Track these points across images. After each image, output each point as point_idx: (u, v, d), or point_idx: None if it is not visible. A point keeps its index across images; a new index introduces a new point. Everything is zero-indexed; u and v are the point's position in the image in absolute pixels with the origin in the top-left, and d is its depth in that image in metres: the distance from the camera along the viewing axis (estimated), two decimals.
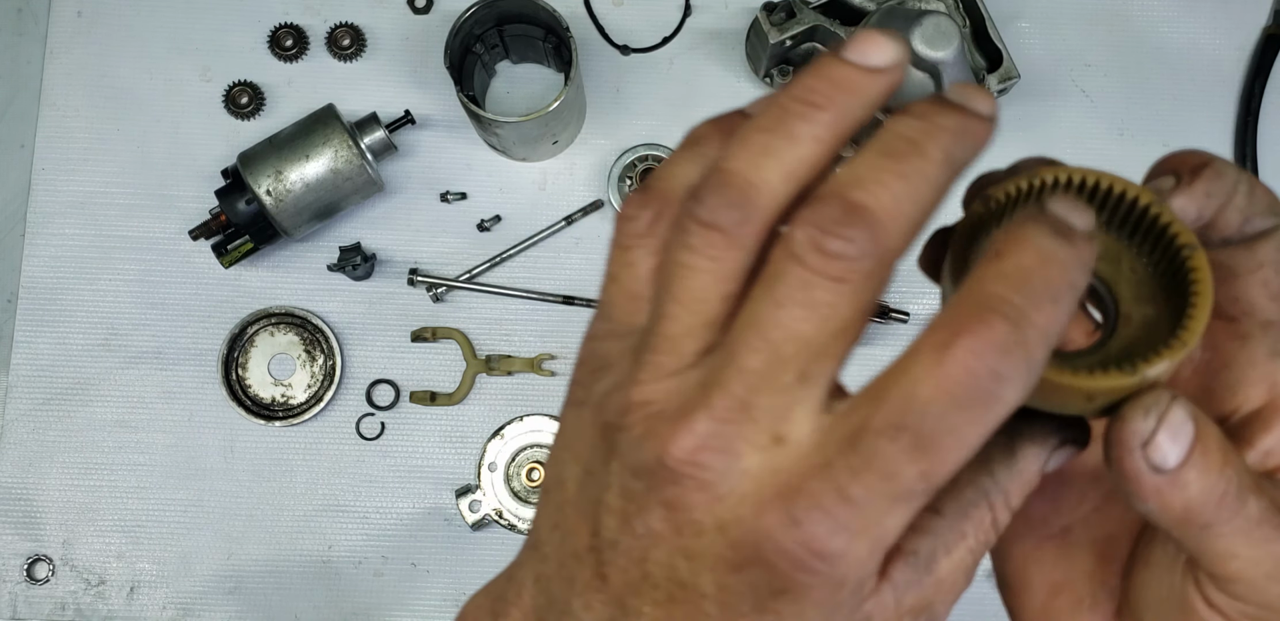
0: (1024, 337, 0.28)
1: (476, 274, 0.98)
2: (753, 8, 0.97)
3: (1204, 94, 1.01)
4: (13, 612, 0.96)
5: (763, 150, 0.30)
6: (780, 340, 0.29)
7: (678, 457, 0.29)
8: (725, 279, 0.30)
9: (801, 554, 0.28)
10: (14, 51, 1.03)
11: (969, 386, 0.27)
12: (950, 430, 0.28)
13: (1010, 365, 0.27)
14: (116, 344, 0.98)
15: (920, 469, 0.28)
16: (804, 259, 0.29)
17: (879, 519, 0.28)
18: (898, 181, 0.29)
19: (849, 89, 0.30)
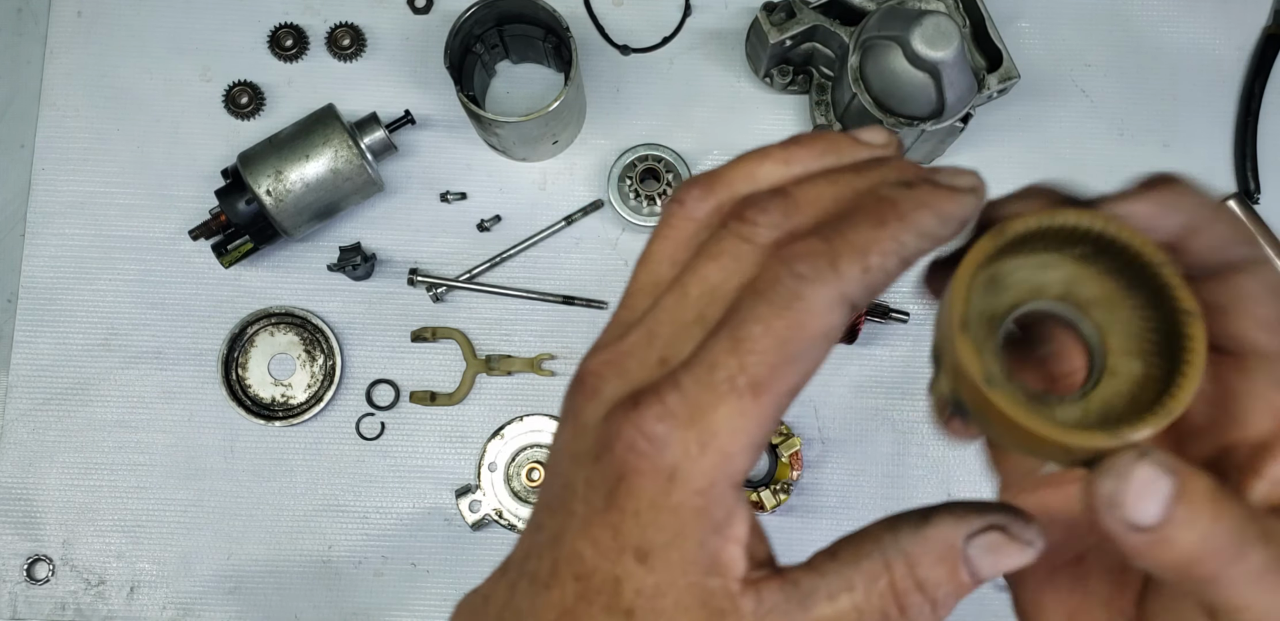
0: (832, 248, 0.32)
1: (476, 274, 0.98)
2: (753, 8, 0.97)
3: (1204, 94, 1.01)
4: (13, 612, 0.96)
5: (736, 165, 0.37)
6: (690, 283, 0.34)
7: (585, 367, 0.35)
8: (679, 244, 0.36)
9: (633, 434, 0.32)
10: (14, 51, 1.03)
11: (770, 282, 0.32)
12: (758, 318, 0.32)
13: (808, 265, 0.32)
14: (116, 344, 0.98)
15: (737, 360, 0.32)
16: (728, 223, 0.34)
17: (705, 410, 0.32)
18: (827, 183, 0.34)
19: (832, 144, 0.37)
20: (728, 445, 0.32)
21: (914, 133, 0.89)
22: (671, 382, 0.32)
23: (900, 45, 0.83)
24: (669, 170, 0.96)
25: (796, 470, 0.94)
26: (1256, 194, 0.99)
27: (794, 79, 0.98)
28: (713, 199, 0.36)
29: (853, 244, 0.32)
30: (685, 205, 0.36)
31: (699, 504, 0.33)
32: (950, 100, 0.86)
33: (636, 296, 0.36)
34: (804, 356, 0.32)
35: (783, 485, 0.93)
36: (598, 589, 0.33)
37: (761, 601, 0.33)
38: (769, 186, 0.35)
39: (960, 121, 0.89)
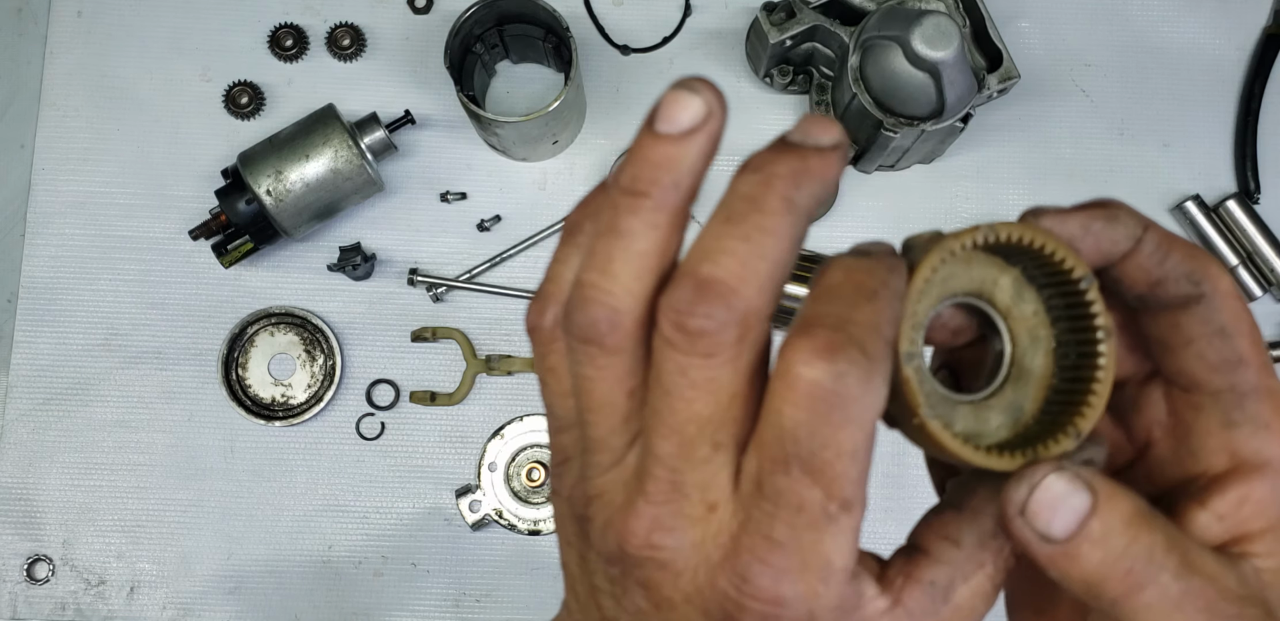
0: (850, 335, 0.29)
1: (476, 274, 0.98)
2: (753, 8, 0.97)
3: (1204, 94, 1.01)
4: (13, 612, 0.96)
5: (607, 257, 0.31)
6: (681, 423, 0.31)
7: (634, 543, 0.32)
8: (620, 380, 0.32)
9: (757, 607, 0.30)
10: (14, 51, 1.02)
11: (816, 396, 0.29)
12: (825, 442, 0.29)
13: (846, 361, 0.29)
14: (116, 344, 0.98)
15: (821, 490, 0.30)
16: (673, 344, 0.30)
17: (813, 549, 0.30)
18: (741, 245, 0.30)
19: (666, 166, 0.31)
20: (844, 563, 0.31)
21: (914, 133, 0.89)
22: (764, 540, 0.30)
23: (900, 45, 0.83)
24: None
25: None
26: (1256, 194, 0.99)
27: (794, 79, 0.98)
28: (625, 319, 0.32)
29: (864, 325, 0.30)
30: (603, 344, 0.32)
31: (838, 617, 0.32)
32: (950, 100, 0.86)
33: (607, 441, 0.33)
34: (868, 450, 0.31)
35: None
36: None
37: (910, 612, 0.33)
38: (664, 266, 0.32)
39: (960, 121, 0.89)
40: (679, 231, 0.32)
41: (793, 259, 0.31)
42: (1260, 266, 0.98)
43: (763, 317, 0.31)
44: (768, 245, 0.30)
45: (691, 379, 0.30)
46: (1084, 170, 1.00)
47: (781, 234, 0.31)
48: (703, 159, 0.32)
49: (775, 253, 0.31)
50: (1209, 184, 1.00)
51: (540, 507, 0.96)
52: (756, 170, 0.31)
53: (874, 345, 0.30)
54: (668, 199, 0.31)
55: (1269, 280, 0.98)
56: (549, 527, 0.96)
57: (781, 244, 0.31)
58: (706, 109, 0.32)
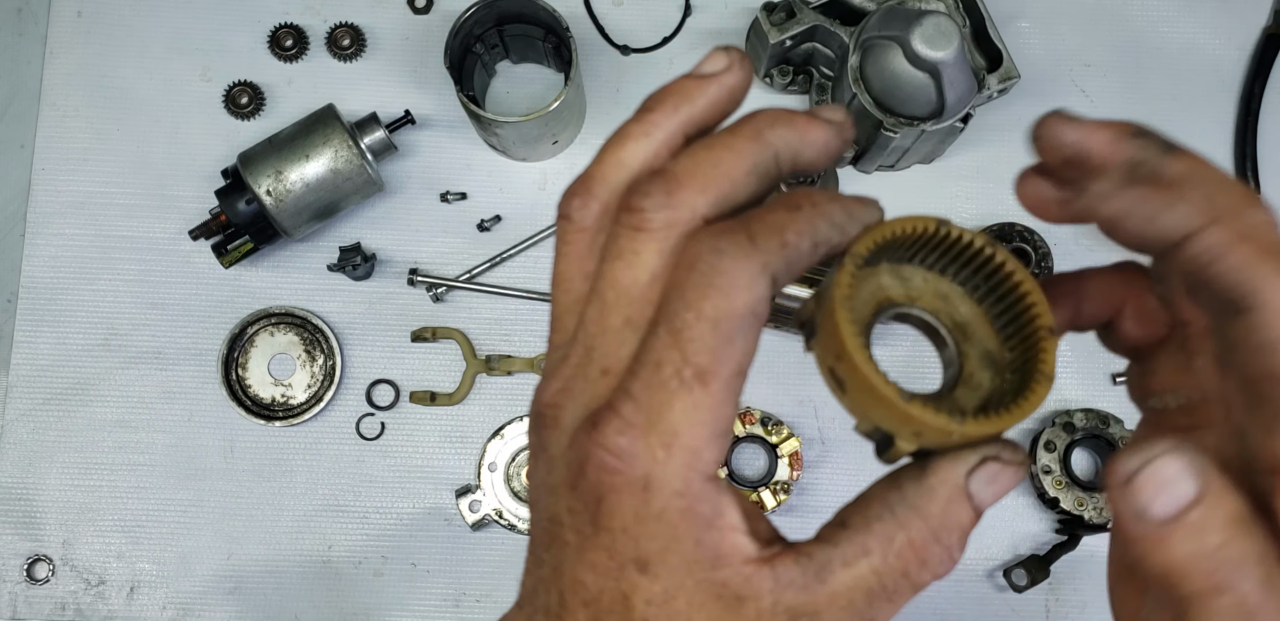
0: (748, 226, 0.34)
1: (476, 274, 0.98)
2: (753, 8, 0.97)
3: (1204, 94, 1.01)
4: (13, 612, 0.96)
5: (603, 154, 0.38)
6: (603, 289, 0.35)
7: (541, 403, 0.35)
8: (580, 257, 0.37)
9: (599, 454, 0.33)
10: (14, 51, 1.03)
11: (690, 264, 0.33)
12: (688, 305, 0.32)
13: (728, 241, 0.33)
14: (116, 344, 0.98)
15: (678, 352, 0.32)
16: (618, 220, 0.35)
17: (660, 410, 0.32)
18: (703, 151, 0.35)
19: (676, 92, 0.37)
20: (691, 441, 0.33)
21: (914, 133, 0.89)
22: (622, 393, 0.33)
23: (900, 45, 0.83)
24: None
25: (796, 470, 0.94)
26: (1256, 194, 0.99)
27: (794, 79, 0.98)
28: (595, 202, 0.37)
29: (768, 222, 0.34)
30: (572, 218, 0.37)
31: (681, 505, 0.33)
32: (950, 100, 0.86)
33: (562, 318, 0.37)
34: (740, 334, 0.33)
35: (782, 485, 0.93)
36: (608, 609, 0.34)
37: (778, 578, 0.33)
38: (644, 167, 0.37)
39: (960, 121, 0.89)
40: (668, 148, 0.37)
41: (749, 183, 0.35)
42: None
43: (696, 213, 0.34)
44: (725, 158, 0.35)
45: (620, 248, 0.34)
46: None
47: (741, 153, 0.35)
48: (712, 100, 0.37)
49: (728, 166, 0.35)
50: None
51: None
52: (755, 112, 0.37)
53: (766, 239, 0.33)
54: (666, 117, 0.37)
55: None
56: None
57: (738, 160, 0.35)
58: (728, 62, 0.38)
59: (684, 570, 0.33)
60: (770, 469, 0.94)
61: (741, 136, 0.35)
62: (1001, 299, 0.36)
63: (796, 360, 0.98)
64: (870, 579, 0.33)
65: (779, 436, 0.94)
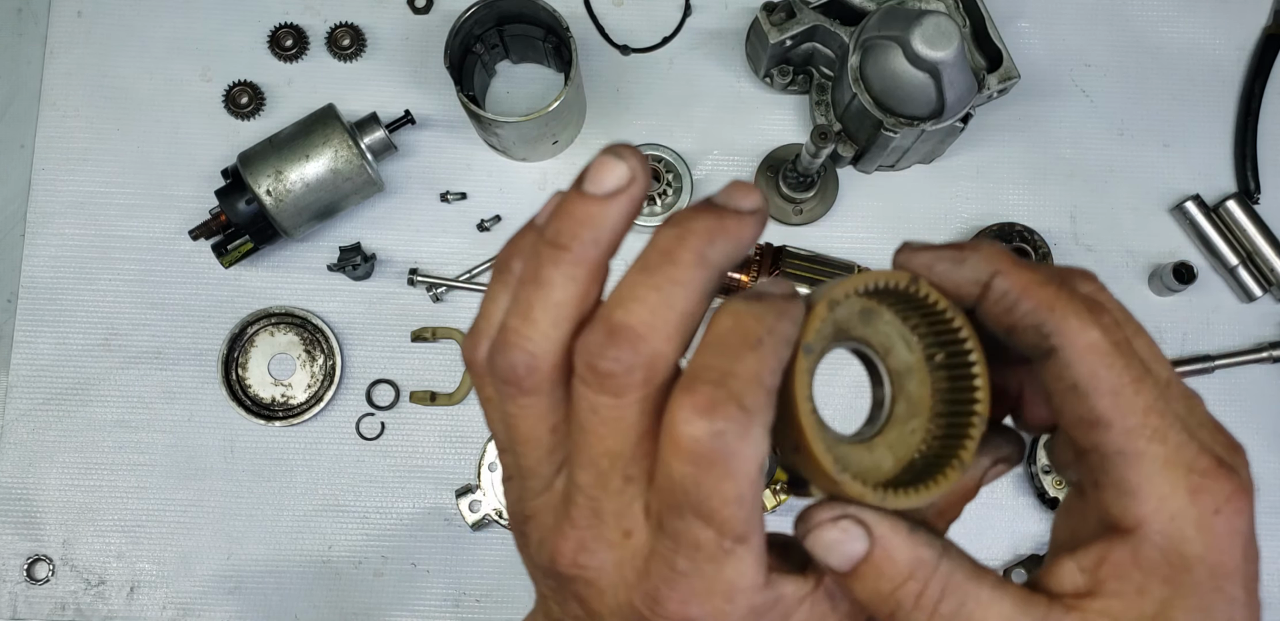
0: (730, 390, 0.32)
1: (476, 274, 0.98)
2: (753, 8, 0.97)
3: (1204, 94, 1.01)
4: (13, 612, 0.96)
5: (528, 304, 0.35)
6: (596, 456, 0.34)
7: (563, 563, 0.36)
8: (542, 417, 0.35)
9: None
10: (14, 51, 1.02)
11: (698, 452, 0.32)
12: (711, 491, 0.32)
13: (724, 419, 0.32)
14: (116, 344, 0.98)
15: (714, 530, 0.33)
16: (586, 383, 0.33)
17: (715, 577, 0.34)
18: (652, 293, 0.33)
19: (588, 223, 0.35)
20: (748, 587, 0.35)
21: (914, 133, 0.89)
22: (669, 569, 0.34)
23: (900, 45, 0.83)
24: (669, 170, 0.96)
25: None
26: (1256, 194, 0.99)
27: (794, 79, 0.98)
28: (541, 362, 0.35)
29: (745, 377, 0.33)
30: (521, 385, 0.35)
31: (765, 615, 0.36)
32: (950, 100, 0.86)
33: (536, 469, 0.37)
34: (755, 491, 0.34)
35: (782, 485, 0.93)
36: None
37: (829, 591, 0.37)
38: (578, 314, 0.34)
39: (960, 121, 0.89)
40: (597, 283, 0.35)
41: (702, 309, 0.34)
42: (1260, 266, 0.98)
43: (669, 362, 0.34)
44: (677, 295, 0.33)
45: (602, 416, 0.34)
46: (1084, 170, 1.00)
47: (691, 286, 0.33)
48: (623, 219, 0.35)
49: (684, 303, 0.33)
50: (1209, 184, 1.00)
51: None
52: (675, 225, 0.34)
53: (753, 397, 0.32)
54: (587, 254, 0.34)
55: (1269, 280, 0.98)
56: None
57: (691, 295, 0.33)
58: (630, 174, 0.35)
59: None
60: (771, 469, 0.94)
61: (684, 265, 0.33)
62: (951, 369, 0.37)
63: None
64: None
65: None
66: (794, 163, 0.94)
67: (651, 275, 0.34)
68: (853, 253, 0.97)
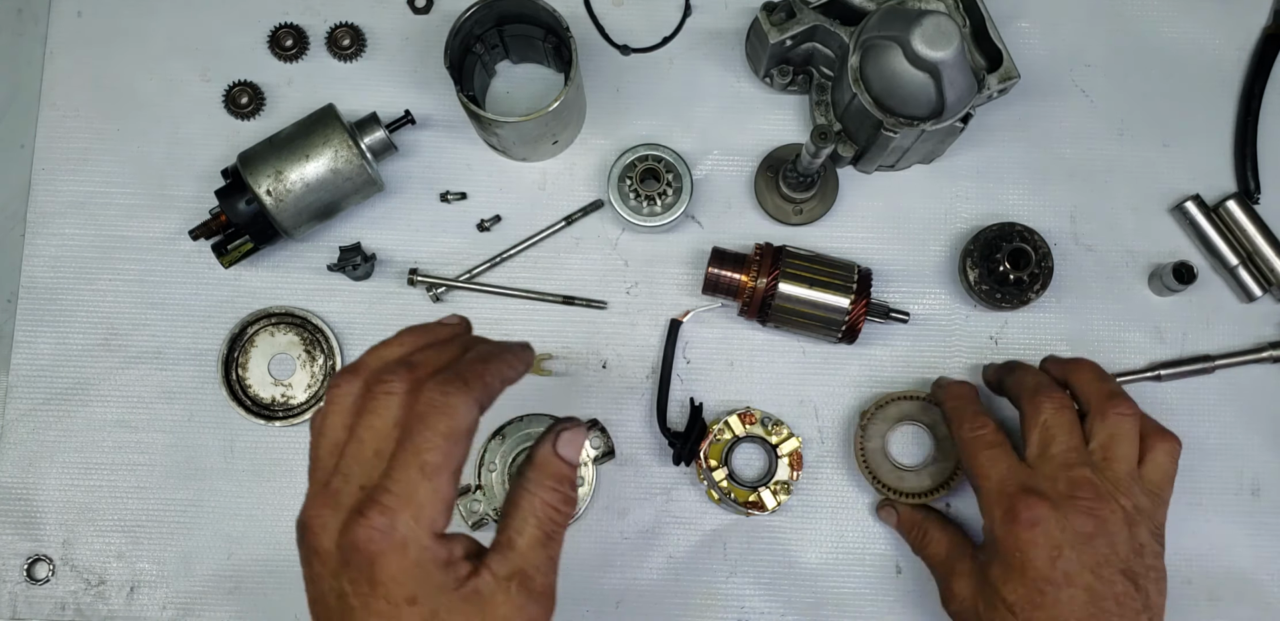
0: (460, 376, 0.59)
1: (476, 274, 0.98)
2: (753, 8, 0.97)
3: (1204, 94, 1.01)
4: (13, 612, 0.96)
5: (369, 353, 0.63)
6: (362, 432, 0.58)
7: (307, 515, 0.58)
8: (343, 415, 0.61)
9: (369, 532, 0.53)
10: (14, 51, 1.03)
11: (428, 402, 0.57)
12: (427, 426, 0.56)
13: (453, 386, 0.58)
14: (116, 344, 0.98)
15: (419, 457, 0.55)
16: (372, 388, 0.59)
17: (410, 495, 0.55)
18: (433, 351, 0.62)
19: (426, 330, 0.65)
20: (431, 512, 0.55)
21: (914, 133, 0.89)
22: (381, 489, 0.53)
23: (900, 45, 0.83)
24: (669, 170, 0.96)
25: (796, 470, 0.94)
26: (1256, 194, 0.99)
27: (794, 79, 0.98)
28: (358, 379, 0.59)
29: (474, 371, 0.60)
30: (340, 387, 0.59)
31: (429, 556, 0.54)
32: (950, 100, 0.86)
33: (323, 458, 0.58)
34: (460, 443, 0.57)
35: (783, 485, 0.93)
36: None
37: (492, 570, 0.57)
38: (395, 360, 0.60)
39: (960, 121, 0.89)
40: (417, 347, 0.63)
41: (485, 402, 0.62)
42: (1260, 266, 0.98)
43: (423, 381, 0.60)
44: (454, 404, 0.60)
45: (374, 405, 0.59)
46: (1084, 170, 1.00)
47: (467, 401, 0.59)
48: (446, 333, 0.67)
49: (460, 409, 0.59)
50: (1209, 184, 1.00)
51: None
52: (485, 356, 0.65)
53: (474, 381, 0.59)
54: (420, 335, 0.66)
55: (1269, 280, 0.98)
56: None
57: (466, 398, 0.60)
58: (460, 322, 0.70)
59: (440, 594, 0.54)
60: (770, 469, 0.94)
61: (470, 391, 0.59)
62: None
63: (796, 360, 0.98)
64: (538, 533, 0.59)
65: (779, 436, 0.94)
66: (794, 163, 0.94)
67: (448, 385, 0.59)
68: (853, 253, 0.97)
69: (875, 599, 0.95)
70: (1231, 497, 0.96)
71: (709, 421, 0.95)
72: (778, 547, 0.96)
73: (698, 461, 0.94)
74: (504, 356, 0.62)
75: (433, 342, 0.61)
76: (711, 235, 0.99)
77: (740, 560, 0.96)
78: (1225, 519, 0.96)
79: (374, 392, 0.57)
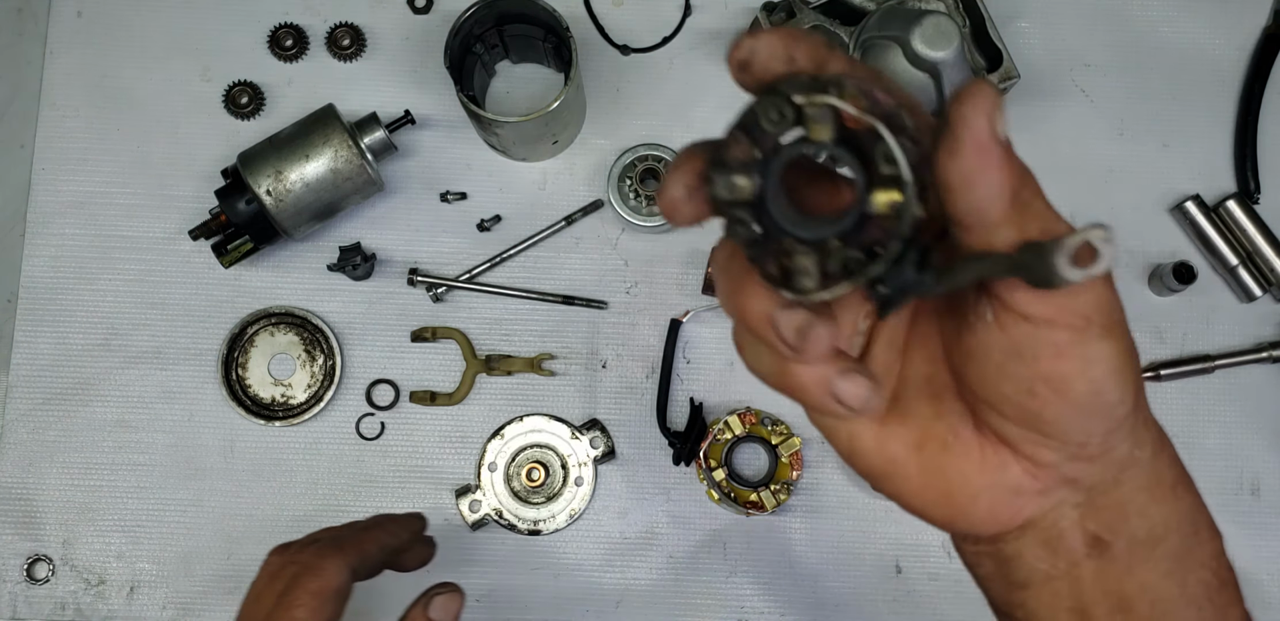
0: (340, 547, 0.71)
1: (476, 274, 0.98)
2: (753, 8, 0.97)
3: (1204, 94, 1.01)
4: (13, 612, 0.96)
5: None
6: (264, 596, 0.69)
7: None
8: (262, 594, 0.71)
9: None
10: (14, 51, 1.03)
11: (302, 564, 0.69)
12: (298, 585, 0.67)
13: (325, 549, 0.70)
14: (116, 344, 0.98)
15: (289, 614, 0.66)
16: (283, 566, 0.70)
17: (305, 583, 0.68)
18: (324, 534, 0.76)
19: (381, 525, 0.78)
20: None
21: None
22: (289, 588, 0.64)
23: (900, 45, 0.83)
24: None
25: (796, 470, 0.94)
26: (1256, 194, 0.99)
27: None
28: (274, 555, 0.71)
29: (352, 540, 0.69)
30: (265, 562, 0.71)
31: None
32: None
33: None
34: (330, 601, 0.64)
35: (783, 485, 0.93)
36: None
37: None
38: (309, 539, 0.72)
39: None
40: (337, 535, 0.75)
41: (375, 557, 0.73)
42: (1260, 266, 0.98)
43: (357, 568, 0.71)
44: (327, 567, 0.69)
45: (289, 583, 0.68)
46: (1084, 170, 1.00)
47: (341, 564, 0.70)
48: (408, 539, 0.77)
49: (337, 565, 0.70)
50: (1209, 184, 1.00)
51: (540, 507, 0.96)
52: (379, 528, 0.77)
53: (350, 548, 0.71)
54: (395, 540, 0.76)
55: (1269, 280, 0.98)
56: (549, 527, 0.96)
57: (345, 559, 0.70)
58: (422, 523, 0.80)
59: None
60: (771, 469, 0.94)
61: (342, 554, 0.69)
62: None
63: None
64: None
65: (780, 436, 0.94)
66: None
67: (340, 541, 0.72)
68: None
69: (875, 599, 0.95)
70: (1231, 497, 0.96)
71: (709, 421, 0.95)
72: (778, 547, 0.96)
73: (698, 461, 0.94)
74: (386, 525, 0.73)
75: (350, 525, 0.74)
76: (711, 235, 0.99)
77: (740, 560, 0.96)
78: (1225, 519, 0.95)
79: (268, 560, 0.70)
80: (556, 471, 0.96)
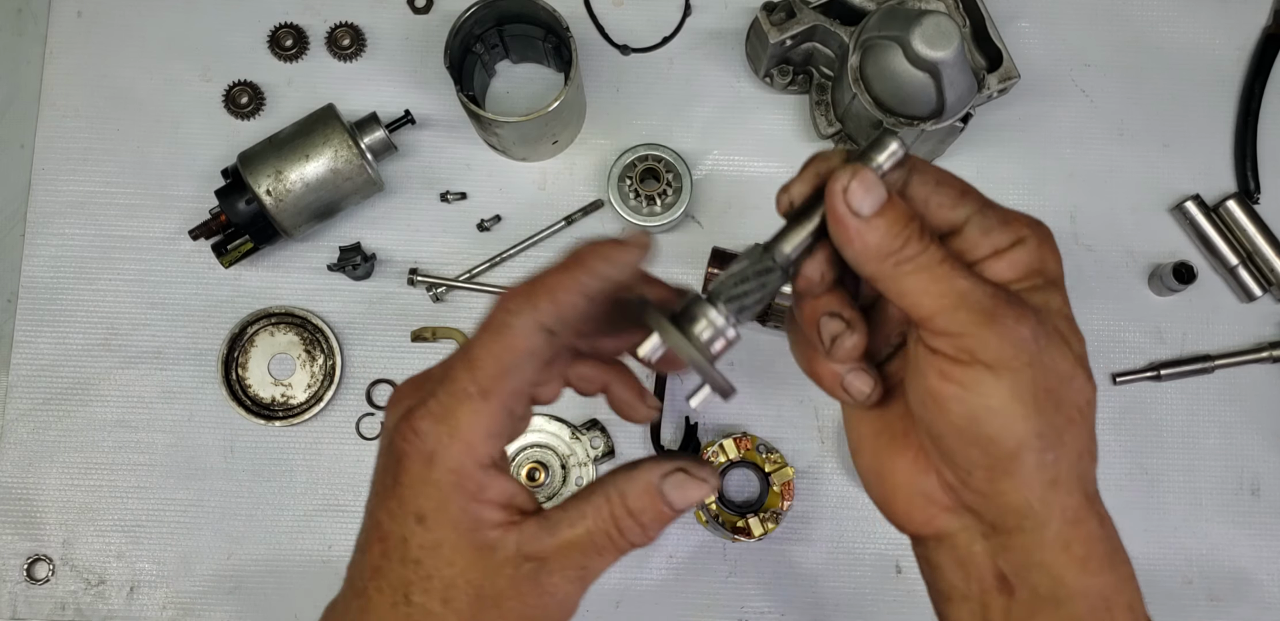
0: (531, 290, 0.46)
1: (476, 274, 0.98)
2: (753, 8, 0.97)
3: (1204, 94, 1.01)
4: (13, 612, 0.96)
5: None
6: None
7: (390, 402, 0.51)
8: None
9: (405, 429, 0.46)
10: (14, 51, 1.02)
11: (490, 318, 0.46)
12: (482, 345, 0.46)
13: (515, 303, 0.46)
14: (116, 344, 0.98)
15: (469, 374, 0.45)
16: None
17: (452, 410, 0.45)
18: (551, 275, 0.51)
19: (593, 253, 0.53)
20: (470, 435, 0.45)
21: (914, 133, 0.89)
22: (430, 395, 0.46)
23: (900, 45, 0.83)
24: (669, 170, 0.96)
25: (787, 500, 0.93)
26: (1256, 194, 0.99)
27: (794, 79, 0.98)
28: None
29: (545, 285, 0.47)
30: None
31: (453, 479, 0.46)
32: (950, 100, 0.85)
33: None
34: (517, 367, 0.46)
35: (771, 513, 0.92)
36: (394, 546, 0.47)
37: (521, 533, 0.46)
38: None
39: (960, 121, 0.89)
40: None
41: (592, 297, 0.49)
42: (1260, 266, 0.98)
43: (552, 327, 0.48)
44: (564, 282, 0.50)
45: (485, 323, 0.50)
46: (1084, 170, 1.00)
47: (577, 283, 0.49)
48: (628, 270, 0.50)
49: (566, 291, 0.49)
50: (1209, 184, 1.00)
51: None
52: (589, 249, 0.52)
53: (541, 299, 0.46)
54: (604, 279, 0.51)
55: (1269, 280, 0.98)
56: None
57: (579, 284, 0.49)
58: (647, 246, 0.51)
59: (450, 526, 0.46)
60: (761, 496, 0.94)
61: (532, 310, 0.46)
62: None
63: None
64: (585, 537, 0.47)
65: (774, 465, 0.93)
66: None
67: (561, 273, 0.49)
68: None
69: (875, 599, 0.95)
70: (1231, 497, 0.96)
71: (704, 442, 0.94)
72: (778, 548, 0.96)
73: None
74: (585, 261, 0.47)
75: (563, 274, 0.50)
76: (711, 235, 0.99)
77: (740, 560, 0.96)
78: (1225, 519, 0.96)
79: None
80: (556, 471, 0.96)
